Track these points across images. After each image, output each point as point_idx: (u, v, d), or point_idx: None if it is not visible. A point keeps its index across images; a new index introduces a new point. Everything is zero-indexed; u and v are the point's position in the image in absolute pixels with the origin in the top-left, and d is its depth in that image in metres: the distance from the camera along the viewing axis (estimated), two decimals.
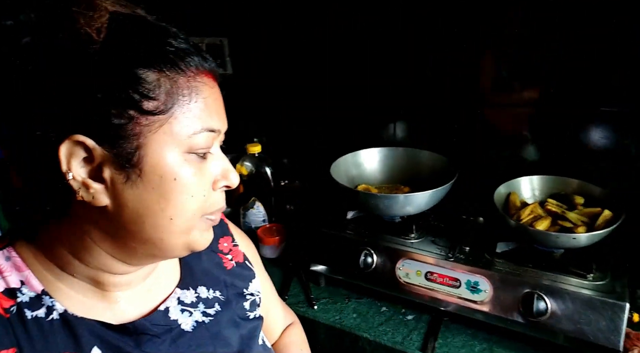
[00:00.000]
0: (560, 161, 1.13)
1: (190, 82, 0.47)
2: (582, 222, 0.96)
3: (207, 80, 0.49)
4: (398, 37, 1.22)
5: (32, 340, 0.48)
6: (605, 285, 0.87)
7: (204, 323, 0.61)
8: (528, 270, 0.92)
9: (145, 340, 0.55)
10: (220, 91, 0.53)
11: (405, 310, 1.06)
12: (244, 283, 0.70)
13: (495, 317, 0.92)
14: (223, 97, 0.53)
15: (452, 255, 0.98)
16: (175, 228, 0.50)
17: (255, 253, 0.79)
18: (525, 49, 1.08)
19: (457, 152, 1.21)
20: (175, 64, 0.46)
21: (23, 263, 0.51)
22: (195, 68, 0.48)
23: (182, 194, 0.48)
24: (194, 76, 0.48)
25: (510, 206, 1.03)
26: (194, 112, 0.48)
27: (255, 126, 1.55)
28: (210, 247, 0.69)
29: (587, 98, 1.06)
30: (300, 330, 0.88)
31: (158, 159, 0.46)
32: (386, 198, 1.04)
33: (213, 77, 0.51)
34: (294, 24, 1.35)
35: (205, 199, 0.51)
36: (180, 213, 0.49)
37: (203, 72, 0.49)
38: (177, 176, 0.48)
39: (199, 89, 0.48)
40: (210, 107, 0.49)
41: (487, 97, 1.18)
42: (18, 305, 0.49)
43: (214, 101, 0.50)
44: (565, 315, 0.85)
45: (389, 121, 1.33)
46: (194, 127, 0.48)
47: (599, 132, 1.08)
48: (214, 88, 0.51)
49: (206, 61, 0.50)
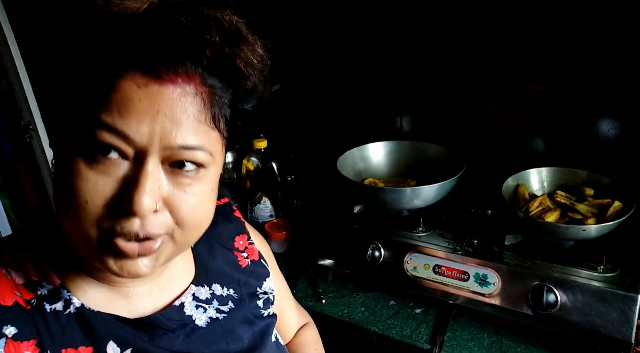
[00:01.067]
0: (569, 152, 1.12)
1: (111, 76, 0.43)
2: (592, 213, 0.95)
3: (134, 76, 0.43)
4: (401, 31, 1.21)
5: (51, 332, 0.49)
6: (616, 277, 0.86)
7: (218, 320, 0.61)
8: (537, 263, 0.91)
9: (159, 335, 0.55)
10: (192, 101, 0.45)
11: (413, 303, 1.06)
12: (258, 282, 0.70)
13: (504, 310, 0.91)
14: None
15: (460, 248, 0.98)
16: (73, 234, 0.47)
17: (269, 251, 0.79)
18: (532, 41, 1.07)
19: (465, 144, 1.20)
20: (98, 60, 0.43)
21: (42, 258, 0.52)
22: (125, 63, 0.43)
23: (65, 193, 0.44)
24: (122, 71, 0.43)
25: (519, 198, 1.03)
26: (92, 107, 0.43)
27: (261, 121, 1.55)
28: (226, 245, 0.69)
29: (595, 89, 1.04)
30: (315, 331, 0.87)
31: (60, 147, 0.47)
32: (393, 191, 1.04)
33: (147, 76, 0.43)
34: (300, 19, 1.35)
35: (97, 210, 0.44)
36: (69, 216, 0.45)
37: (136, 71, 0.43)
38: (68, 170, 0.44)
39: (116, 85, 0.43)
40: (122, 105, 0.43)
41: (494, 90, 1.17)
42: (38, 298, 0.50)
43: (138, 103, 0.43)
44: (576, 308, 0.85)
45: (395, 114, 1.33)
46: (84, 121, 0.43)
47: (608, 122, 1.06)
48: (146, 89, 0.43)
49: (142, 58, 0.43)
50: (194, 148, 0.46)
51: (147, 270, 0.48)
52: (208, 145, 0.47)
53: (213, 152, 0.49)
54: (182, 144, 0.45)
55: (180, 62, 0.44)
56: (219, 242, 0.69)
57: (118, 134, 0.43)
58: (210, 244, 0.67)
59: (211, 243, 0.67)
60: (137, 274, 0.47)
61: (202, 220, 0.51)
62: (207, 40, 0.45)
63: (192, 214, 0.48)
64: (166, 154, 0.45)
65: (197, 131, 0.46)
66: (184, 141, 0.45)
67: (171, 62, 0.43)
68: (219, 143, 0.50)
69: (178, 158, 0.46)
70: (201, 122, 0.46)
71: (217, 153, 0.50)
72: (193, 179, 0.48)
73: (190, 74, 0.45)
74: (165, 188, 0.46)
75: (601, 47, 1.00)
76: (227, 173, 1.48)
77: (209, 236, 0.67)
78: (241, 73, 0.49)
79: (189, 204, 0.48)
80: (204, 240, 0.66)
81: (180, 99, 0.44)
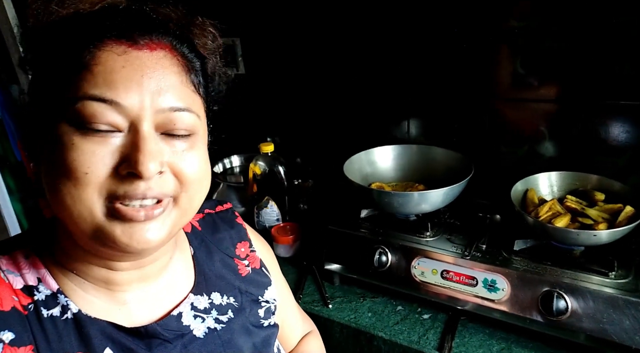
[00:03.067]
0: (579, 156, 1.11)
1: (90, 50, 0.44)
2: (603, 219, 0.94)
3: (113, 45, 0.45)
4: (410, 34, 1.20)
5: (47, 338, 0.49)
6: (628, 283, 0.84)
7: (216, 330, 0.61)
8: (547, 268, 0.90)
9: (157, 345, 0.54)
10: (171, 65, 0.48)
11: (421, 308, 1.05)
12: (259, 291, 0.69)
13: (513, 316, 0.90)
14: (235, 98, 0.52)
15: (469, 253, 0.97)
16: (70, 210, 0.45)
17: (273, 259, 0.77)
18: (541, 44, 1.06)
19: (473, 148, 1.19)
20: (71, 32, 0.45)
21: (40, 262, 0.52)
22: (96, 35, 0.45)
23: (62, 169, 0.44)
24: (95, 43, 0.45)
25: (528, 203, 1.01)
26: (80, 83, 0.44)
27: (268, 125, 1.55)
28: (227, 252, 0.68)
29: (606, 91, 1.03)
30: (319, 340, 0.86)
31: (49, 129, 0.46)
32: (400, 195, 1.03)
33: (127, 43, 0.46)
34: (306, 23, 1.35)
35: (101, 180, 0.45)
36: (67, 191, 0.45)
37: (109, 40, 0.45)
38: (58, 148, 0.44)
39: (96, 57, 0.44)
40: (106, 75, 0.44)
41: (503, 93, 1.16)
42: (35, 303, 0.50)
43: (121, 70, 0.45)
44: (587, 314, 0.83)
45: (402, 118, 1.32)
46: (73, 93, 0.44)
47: (619, 126, 1.05)
48: (127, 55, 0.45)
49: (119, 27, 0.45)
50: (182, 109, 0.48)
51: (156, 237, 0.48)
52: (194, 107, 0.50)
53: (199, 115, 0.51)
54: (172, 106, 0.47)
55: (152, 29, 0.48)
56: (220, 249, 0.68)
57: (109, 104, 0.44)
58: (210, 250, 0.67)
59: (211, 250, 0.67)
60: (146, 242, 0.47)
61: (203, 183, 0.53)
62: (169, 15, 0.51)
63: (195, 175, 0.50)
64: (158, 119, 0.47)
65: (182, 94, 0.49)
66: (172, 102, 0.47)
67: (143, 28, 0.47)
68: (202, 108, 0.53)
69: (170, 122, 0.47)
70: (183, 85, 0.49)
71: (202, 117, 0.53)
72: (187, 143, 0.50)
73: (162, 40, 0.48)
74: (165, 153, 0.48)
75: (614, 48, 0.99)
76: (234, 176, 1.48)
77: (210, 242, 0.67)
78: (201, 49, 0.54)
79: (191, 166, 0.49)
80: (204, 245, 0.66)
81: (160, 63, 0.47)
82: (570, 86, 1.07)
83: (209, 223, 0.70)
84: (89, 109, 0.44)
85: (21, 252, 0.52)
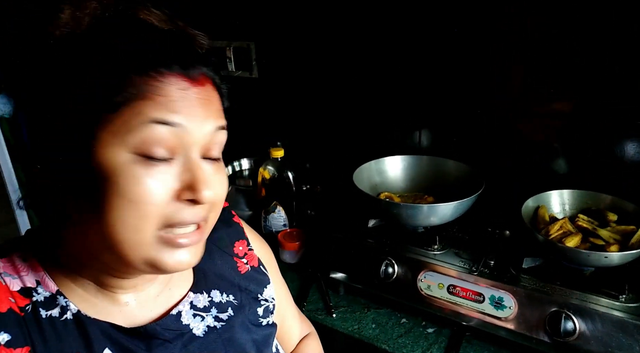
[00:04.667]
0: (592, 174, 1.09)
1: (148, 82, 0.45)
2: (615, 240, 0.92)
3: (174, 80, 0.46)
4: (424, 44, 1.20)
5: (45, 339, 0.49)
6: (639, 308, 0.83)
7: (216, 329, 0.61)
8: (556, 288, 0.89)
9: (156, 345, 0.55)
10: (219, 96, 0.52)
11: (425, 322, 1.04)
12: (258, 288, 0.70)
13: (519, 335, 0.89)
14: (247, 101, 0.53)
15: (476, 269, 0.96)
16: (123, 238, 0.46)
17: (272, 258, 0.78)
18: (556, 58, 1.05)
19: (485, 162, 1.18)
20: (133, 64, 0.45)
21: (39, 264, 0.52)
22: (158, 69, 0.45)
23: (123, 200, 0.44)
24: (156, 76, 0.45)
25: (539, 221, 1.00)
26: (142, 109, 0.44)
27: (279, 129, 1.55)
28: (226, 250, 0.69)
29: (622, 110, 1.02)
30: (317, 342, 0.87)
31: (101, 159, 0.45)
32: (409, 207, 1.02)
33: (188, 80, 0.47)
34: (320, 30, 1.35)
35: (161, 210, 0.46)
36: (123, 221, 0.45)
37: (171, 74, 0.46)
38: (119, 179, 0.44)
39: (159, 89, 0.45)
40: (169, 105, 0.45)
41: (517, 107, 1.15)
42: (33, 304, 0.50)
43: (181, 100, 0.46)
44: (595, 337, 0.82)
45: (414, 128, 1.31)
46: (140, 120, 0.44)
47: (635, 146, 1.03)
48: (186, 91, 0.47)
49: (180, 63, 0.47)
50: (223, 127, 0.52)
51: (194, 260, 0.51)
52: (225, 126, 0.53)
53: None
54: (217, 126, 0.50)
55: (202, 63, 0.49)
56: (219, 247, 0.69)
57: (174, 126, 0.46)
58: (209, 249, 0.66)
59: (210, 249, 0.67)
60: (188, 264, 0.50)
61: (224, 199, 0.54)
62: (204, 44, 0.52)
63: (222, 196, 0.53)
64: (204, 142, 0.49)
65: (220, 116, 0.52)
66: (217, 123, 0.51)
67: (196, 62, 0.49)
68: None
69: (212, 142, 0.50)
70: (221, 111, 0.52)
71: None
72: (218, 164, 0.52)
73: (210, 73, 0.51)
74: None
75: (632, 65, 0.97)
76: (243, 180, 1.48)
77: (208, 241, 0.67)
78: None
79: (220, 188, 0.52)
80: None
81: (209, 95, 0.50)
82: (587, 103, 1.06)
83: None
84: (155, 132, 0.45)
85: (19, 255, 0.52)
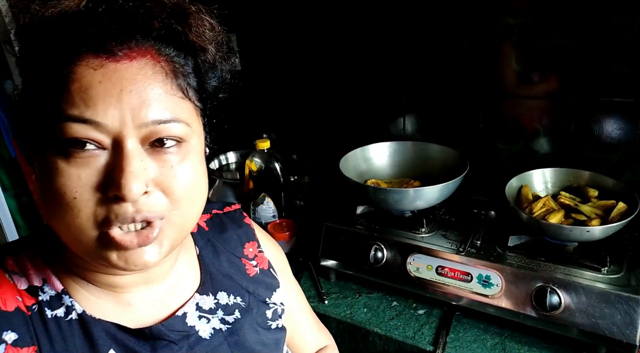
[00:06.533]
0: (573, 152, 1.11)
1: (64, 66, 0.42)
2: (596, 215, 0.95)
3: (92, 62, 0.42)
4: (407, 31, 1.21)
5: (51, 339, 0.48)
6: (620, 279, 0.85)
7: (222, 331, 0.59)
8: (541, 264, 0.91)
9: (161, 346, 0.53)
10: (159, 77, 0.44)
11: (416, 304, 1.06)
12: (267, 292, 0.67)
13: (507, 311, 0.91)
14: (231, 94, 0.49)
15: (463, 249, 0.97)
16: (68, 238, 0.45)
17: (283, 261, 0.75)
18: (537, 42, 1.06)
19: (468, 145, 1.20)
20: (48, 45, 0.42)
21: (45, 264, 0.52)
22: (73, 49, 0.42)
23: (50, 195, 0.43)
24: (74, 58, 0.42)
25: (522, 200, 1.02)
26: (56, 104, 0.42)
27: (264, 121, 1.55)
28: (234, 252, 0.67)
29: (600, 89, 1.04)
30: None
31: (37, 148, 0.44)
32: (396, 192, 1.04)
33: (102, 56, 0.42)
34: (303, 20, 1.35)
35: (91, 206, 0.43)
36: (62, 219, 0.44)
37: (88, 54, 0.42)
38: (48, 171, 0.43)
39: (72, 73, 0.42)
40: (83, 93, 0.41)
41: (498, 90, 1.16)
42: (39, 304, 0.49)
43: (98, 85, 0.42)
44: (579, 309, 0.84)
45: (398, 115, 1.32)
46: (53, 115, 0.42)
47: (613, 123, 1.06)
48: (104, 69, 0.42)
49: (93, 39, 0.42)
50: (168, 121, 0.45)
51: (153, 259, 0.46)
52: (182, 116, 0.46)
53: (189, 122, 0.48)
54: (155, 119, 0.44)
55: (130, 36, 0.43)
56: (227, 248, 0.67)
57: (89, 124, 0.42)
58: (217, 250, 0.65)
59: (218, 249, 0.66)
60: (143, 264, 0.46)
61: (197, 196, 0.49)
62: (152, 14, 0.45)
63: (185, 190, 0.47)
64: (142, 133, 0.44)
65: (167, 103, 0.45)
66: (156, 115, 0.44)
67: (121, 37, 0.43)
68: (193, 113, 0.49)
69: (155, 135, 0.44)
70: (168, 94, 0.45)
71: (194, 123, 0.49)
72: (177, 155, 0.46)
73: (143, 46, 0.44)
74: (152, 170, 0.45)
75: (610, 46, 0.99)
76: (230, 173, 1.48)
77: (216, 242, 0.66)
78: (196, 44, 0.49)
79: (180, 181, 0.46)
80: (210, 245, 0.65)
81: (141, 73, 0.43)
82: (566, 83, 1.07)
83: (216, 223, 0.69)
84: (69, 130, 0.42)
85: (27, 254, 0.52)
